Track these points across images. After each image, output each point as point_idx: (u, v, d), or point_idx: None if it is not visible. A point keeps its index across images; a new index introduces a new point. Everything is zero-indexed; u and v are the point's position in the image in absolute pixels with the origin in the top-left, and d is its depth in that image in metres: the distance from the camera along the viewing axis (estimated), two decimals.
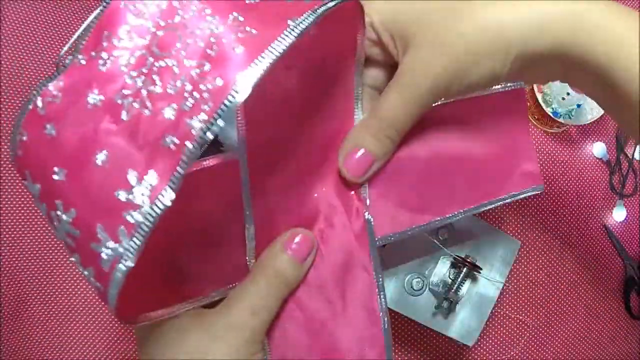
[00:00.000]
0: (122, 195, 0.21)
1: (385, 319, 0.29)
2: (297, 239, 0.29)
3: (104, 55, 0.23)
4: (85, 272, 0.23)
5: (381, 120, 0.28)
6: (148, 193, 0.20)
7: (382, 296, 0.29)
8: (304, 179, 0.31)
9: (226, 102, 0.20)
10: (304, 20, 0.22)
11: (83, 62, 0.23)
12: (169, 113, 0.21)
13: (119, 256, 0.21)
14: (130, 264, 0.21)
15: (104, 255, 0.21)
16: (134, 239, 0.20)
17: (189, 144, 0.20)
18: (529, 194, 0.34)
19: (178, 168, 0.20)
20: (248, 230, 0.27)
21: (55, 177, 0.22)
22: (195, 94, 0.21)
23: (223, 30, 0.21)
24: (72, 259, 0.23)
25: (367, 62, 0.30)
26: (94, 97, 0.22)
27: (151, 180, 0.21)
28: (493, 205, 0.33)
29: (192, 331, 0.27)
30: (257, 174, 0.26)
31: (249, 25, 0.21)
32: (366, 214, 0.31)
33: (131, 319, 0.24)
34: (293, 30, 0.21)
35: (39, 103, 0.23)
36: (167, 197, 0.20)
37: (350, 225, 0.31)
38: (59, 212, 0.22)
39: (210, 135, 0.20)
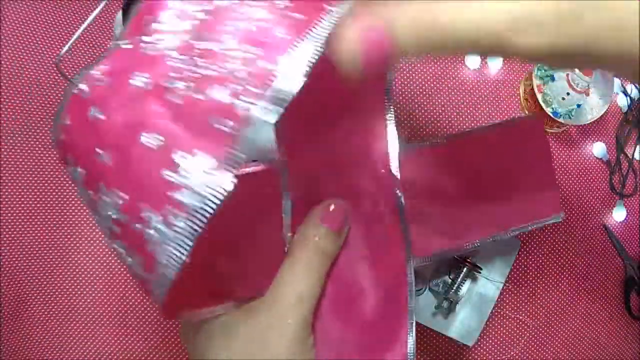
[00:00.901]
0: (169, 176, 0.20)
1: (412, 304, 0.29)
2: (331, 208, 0.29)
3: (149, 39, 0.22)
4: (130, 260, 0.22)
5: None
6: (199, 174, 0.20)
7: (411, 278, 0.30)
8: (340, 163, 0.32)
9: (274, 86, 0.20)
10: (341, 4, 0.22)
11: (128, 46, 0.23)
12: (217, 95, 0.21)
13: (170, 240, 0.20)
14: (185, 250, 0.20)
15: (153, 235, 0.20)
16: (188, 221, 0.20)
17: (236, 125, 0.20)
18: (551, 221, 0.36)
19: (230, 149, 0.20)
20: (285, 206, 0.27)
21: (99, 159, 0.22)
22: (242, 76, 0.21)
23: (270, 16, 0.21)
24: (115, 246, 0.23)
25: None
26: (140, 80, 0.22)
27: (199, 160, 0.20)
28: (515, 233, 0.36)
29: (240, 326, 0.26)
30: (295, 159, 0.26)
31: (295, 10, 0.22)
32: (397, 191, 0.32)
33: (173, 314, 0.23)
34: (333, 13, 0.21)
35: (84, 87, 0.23)
36: (227, 180, 0.20)
37: (383, 204, 0.32)
38: (102, 196, 0.22)
39: (257, 115, 0.20)
